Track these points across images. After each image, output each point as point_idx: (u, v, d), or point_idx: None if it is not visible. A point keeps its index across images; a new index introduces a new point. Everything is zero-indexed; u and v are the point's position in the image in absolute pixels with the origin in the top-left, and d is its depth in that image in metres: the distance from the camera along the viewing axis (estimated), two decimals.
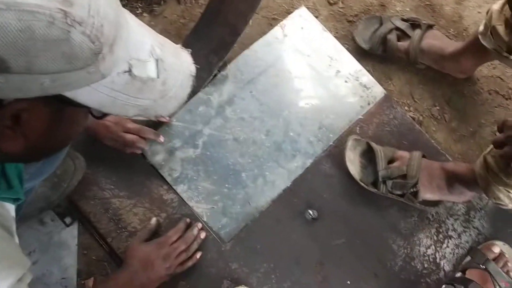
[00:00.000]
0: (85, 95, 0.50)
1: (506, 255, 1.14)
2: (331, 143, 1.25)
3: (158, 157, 1.18)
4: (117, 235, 1.15)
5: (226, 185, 1.18)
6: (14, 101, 0.46)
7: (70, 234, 1.17)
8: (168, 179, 1.17)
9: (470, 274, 1.11)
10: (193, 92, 1.12)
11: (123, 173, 1.19)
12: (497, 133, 1.31)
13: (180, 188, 1.17)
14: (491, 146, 1.03)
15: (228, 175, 1.19)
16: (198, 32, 1.23)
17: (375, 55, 1.36)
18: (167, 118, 1.17)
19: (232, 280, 1.14)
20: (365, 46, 1.35)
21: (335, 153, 1.25)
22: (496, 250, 1.13)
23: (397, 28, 1.33)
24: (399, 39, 1.33)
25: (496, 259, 1.12)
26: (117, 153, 1.14)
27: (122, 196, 1.17)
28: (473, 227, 1.23)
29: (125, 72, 0.52)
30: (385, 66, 1.36)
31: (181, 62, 0.60)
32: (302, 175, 1.22)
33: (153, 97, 0.56)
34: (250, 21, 1.25)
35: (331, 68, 1.31)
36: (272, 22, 1.37)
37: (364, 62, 1.34)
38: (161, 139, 1.17)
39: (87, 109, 0.56)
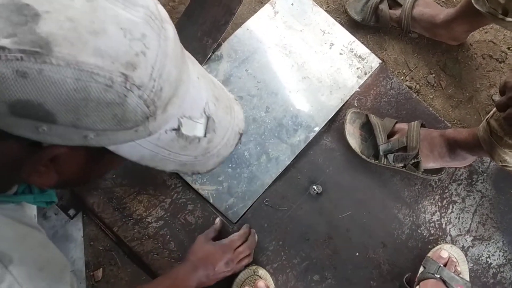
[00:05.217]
0: (127, 149, 0.48)
1: (455, 258, 1.15)
2: (331, 115, 1.24)
3: None
4: (123, 224, 1.13)
5: (230, 165, 1.17)
6: (54, 145, 0.45)
7: (75, 227, 1.15)
8: None
9: (425, 285, 1.10)
10: None
11: None
12: (493, 97, 1.33)
13: None
14: (494, 109, 1.02)
15: (231, 154, 1.18)
16: (191, 14, 1.21)
17: (368, 27, 1.35)
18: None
19: None
20: (357, 17, 1.34)
21: (335, 127, 1.24)
22: (445, 255, 1.13)
23: None
24: (390, 8, 1.32)
25: (446, 264, 1.13)
26: None
27: (125, 185, 1.16)
28: (477, 191, 1.24)
29: (173, 129, 0.50)
30: (379, 37, 1.36)
31: (231, 118, 0.58)
32: (304, 151, 1.21)
33: (195, 154, 0.54)
34: None
35: (324, 41, 1.30)
36: (263, 0, 1.36)
37: (358, 34, 1.33)
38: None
39: None
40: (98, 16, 0.40)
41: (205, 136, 0.53)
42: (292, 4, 1.32)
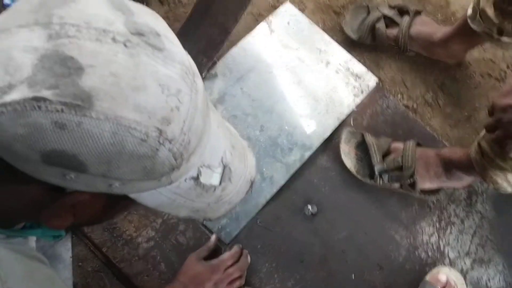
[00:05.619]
0: (147, 197, 0.48)
1: (453, 281, 1.12)
2: (327, 134, 1.22)
3: None
4: (112, 244, 1.11)
5: None
6: (77, 191, 0.45)
7: (64, 247, 1.13)
8: None
9: None
10: None
11: None
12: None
13: None
14: (484, 131, 1.01)
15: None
16: (186, 33, 1.20)
17: (365, 45, 1.34)
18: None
19: None
20: (354, 36, 1.33)
21: (331, 146, 1.22)
22: (443, 278, 1.10)
23: (385, 16, 1.32)
24: (387, 27, 1.32)
25: None
26: None
27: None
28: (476, 212, 1.21)
29: (192, 178, 0.51)
30: (375, 55, 1.35)
31: (244, 166, 0.59)
32: (299, 171, 1.19)
33: (208, 201, 0.55)
34: None
35: (320, 60, 1.29)
36: (258, 18, 1.35)
37: (354, 53, 1.32)
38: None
39: None
40: (140, 72, 0.41)
41: (220, 184, 0.54)
42: (288, 23, 1.32)
